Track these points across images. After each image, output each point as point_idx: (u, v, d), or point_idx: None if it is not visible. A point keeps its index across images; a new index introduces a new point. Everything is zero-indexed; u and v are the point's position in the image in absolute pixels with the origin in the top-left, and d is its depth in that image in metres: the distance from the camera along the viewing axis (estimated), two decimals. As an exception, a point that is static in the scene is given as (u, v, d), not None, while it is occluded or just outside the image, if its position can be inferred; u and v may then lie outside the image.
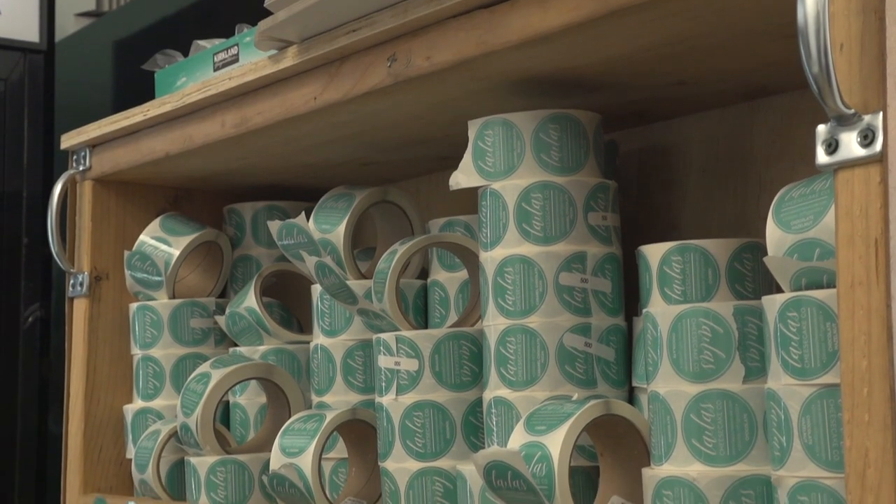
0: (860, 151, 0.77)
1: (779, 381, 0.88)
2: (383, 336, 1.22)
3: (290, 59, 1.23)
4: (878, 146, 0.76)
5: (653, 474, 0.98)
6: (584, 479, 1.10)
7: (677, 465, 0.96)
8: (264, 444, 1.41)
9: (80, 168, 1.60)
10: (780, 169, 1.18)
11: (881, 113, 0.77)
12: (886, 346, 0.75)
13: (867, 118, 0.77)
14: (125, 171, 1.55)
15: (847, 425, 0.77)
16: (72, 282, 1.61)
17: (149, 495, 1.49)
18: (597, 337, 1.12)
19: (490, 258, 1.14)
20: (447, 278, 1.34)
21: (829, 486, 0.84)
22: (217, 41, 1.46)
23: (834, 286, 0.84)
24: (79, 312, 1.60)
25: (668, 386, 0.97)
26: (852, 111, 0.78)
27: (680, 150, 1.28)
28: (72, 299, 1.62)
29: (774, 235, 0.91)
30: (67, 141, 1.61)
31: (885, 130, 0.76)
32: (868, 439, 0.75)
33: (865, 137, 0.77)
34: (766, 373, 0.92)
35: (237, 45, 1.40)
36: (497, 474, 1.01)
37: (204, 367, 1.41)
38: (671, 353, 0.97)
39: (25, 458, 2.01)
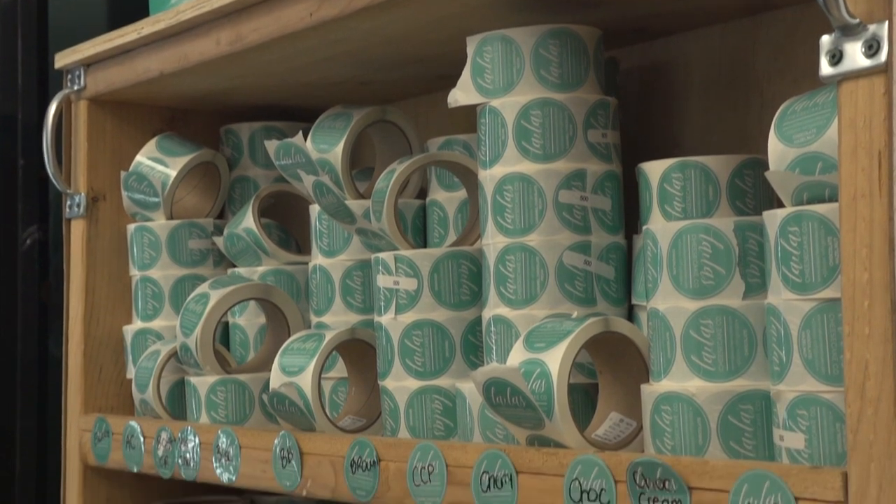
0: (865, 62, 0.76)
1: (779, 296, 0.88)
2: (382, 255, 1.21)
3: (285, -25, 1.21)
4: (882, 56, 0.75)
5: (651, 390, 0.98)
6: (583, 397, 1.10)
7: (676, 380, 0.96)
8: (264, 364, 1.41)
9: (75, 87, 1.59)
10: (782, 85, 1.17)
11: (886, 22, 0.75)
12: (888, 258, 0.74)
13: (872, 28, 0.76)
14: (120, 90, 1.53)
15: (847, 338, 0.77)
16: (69, 203, 1.61)
17: (149, 414, 1.49)
18: (596, 255, 1.11)
19: (489, 176, 1.13)
20: (446, 198, 1.33)
21: (829, 399, 0.84)
22: (211, -42, 1.44)
23: (836, 200, 0.84)
24: (76, 234, 1.60)
25: (668, 302, 0.97)
26: (857, 21, 0.77)
27: (681, 66, 1.26)
28: (69, 221, 1.61)
29: (776, 150, 0.90)
30: (61, 60, 1.59)
31: (890, 40, 0.75)
32: (868, 352, 0.75)
33: (870, 48, 0.76)
34: (766, 289, 0.92)
35: (232, -39, 1.38)
36: (496, 391, 1.01)
37: (202, 288, 1.41)
38: (671, 270, 0.97)
39: (26, 381, 2.02)
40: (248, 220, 1.49)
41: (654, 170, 1.07)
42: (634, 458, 0.90)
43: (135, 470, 1.46)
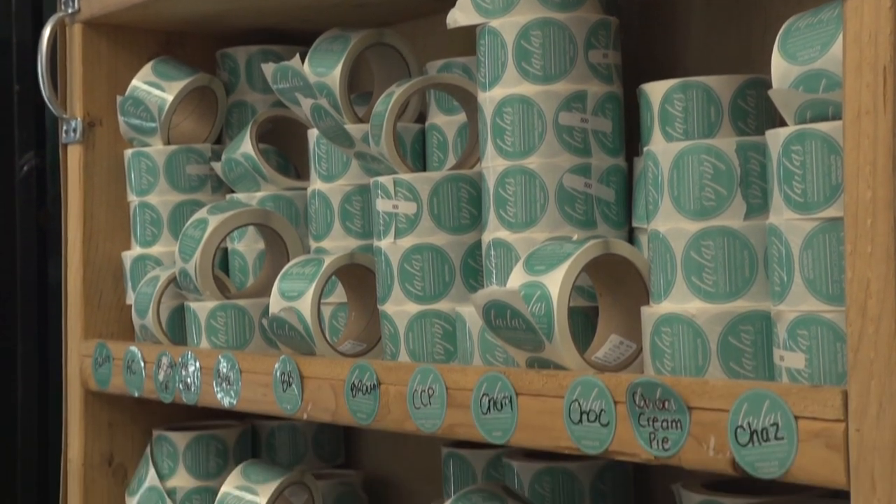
0: (871, -24, 0.75)
1: (781, 216, 0.87)
2: (381, 179, 1.21)
3: None
4: (889, -30, 0.74)
5: (652, 312, 0.98)
6: (583, 320, 1.10)
7: (676, 302, 0.95)
8: (263, 290, 1.41)
9: (69, 10, 1.57)
10: (786, 4, 1.15)
11: (894, -65, 0.74)
12: (891, 176, 0.74)
13: (878, -59, 0.75)
14: (115, 13, 1.51)
15: (849, 257, 0.76)
16: (65, 128, 1.59)
17: (150, 340, 1.49)
18: (597, 177, 1.10)
19: (488, 98, 1.12)
20: (445, 122, 1.32)
21: (829, 319, 0.84)
22: None
23: (839, 118, 0.83)
24: (73, 159, 1.59)
25: (669, 224, 0.96)
26: (863, -66, 0.75)
27: (683, -15, 1.25)
28: (66, 146, 1.60)
29: (780, 67, 0.89)
30: (55, -18, 1.57)
31: (897, -47, 0.74)
32: (870, 270, 0.75)
33: (877, -39, 0.75)
34: (767, 209, 0.91)
35: None
36: (496, 314, 1.00)
37: (201, 213, 1.40)
38: (672, 192, 0.96)
39: (26, 306, 2.02)
40: (245, 146, 1.48)
41: (655, 90, 1.05)
42: (634, 378, 0.90)
43: (136, 395, 1.47)
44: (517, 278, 1.02)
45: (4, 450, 2.03)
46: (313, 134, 1.38)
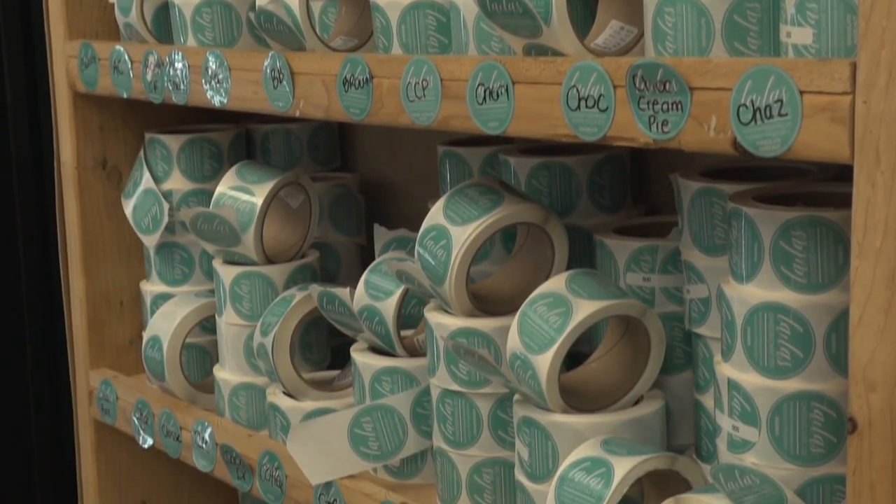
0: None
1: None
2: None
3: None
4: None
5: (654, -7, 0.93)
6: (582, 6, 1.06)
7: None
8: None
9: None
10: None
11: None
12: None
13: None
14: None
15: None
16: None
17: (135, 39, 1.45)
18: None
19: None
20: None
21: (841, -8, 0.80)
22: None
23: None
24: None
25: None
26: None
27: None
28: None
29: None
30: None
31: None
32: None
33: None
34: None
35: None
36: (492, -2, 0.96)
37: None
38: None
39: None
40: None
41: None
42: (635, 61, 0.87)
43: (124, 96, 1.44)
44: None
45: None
46: None
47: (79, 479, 1.69)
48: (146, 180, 1.55)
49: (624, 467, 0.98)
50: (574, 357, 1.12)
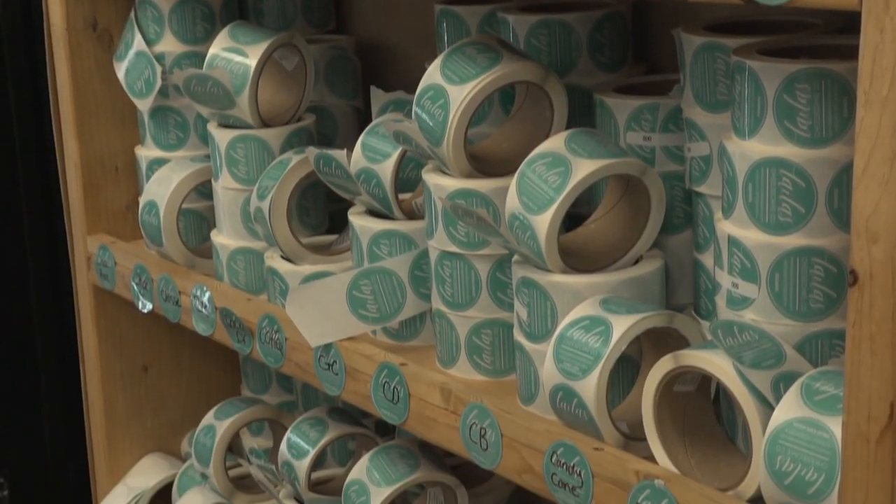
0: None
1: None
2: None
3: None
4: None
5: None
6: None
7: None
8: None
9: None
10: None
11: None
12: None
13: None
14: None
15: None
16: None
17: None
18: None
19: None
20: None
21: None
22: None
23: None
24: None
25: None
26: None
27: None
28: None
29: None
30: None
31: None
32: None
33: None
34: None
35: None
36: None
37: None
38: None
39: None
40: None
41: None
42: None
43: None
44: None
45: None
46: None
47: (80, 345, 1.69)
48: (138, 42, 1.52)
49: (622, 325, 0.98)
50: (574, 219, 1.11)
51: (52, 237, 2.05)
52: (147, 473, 1.68)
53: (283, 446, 1.43)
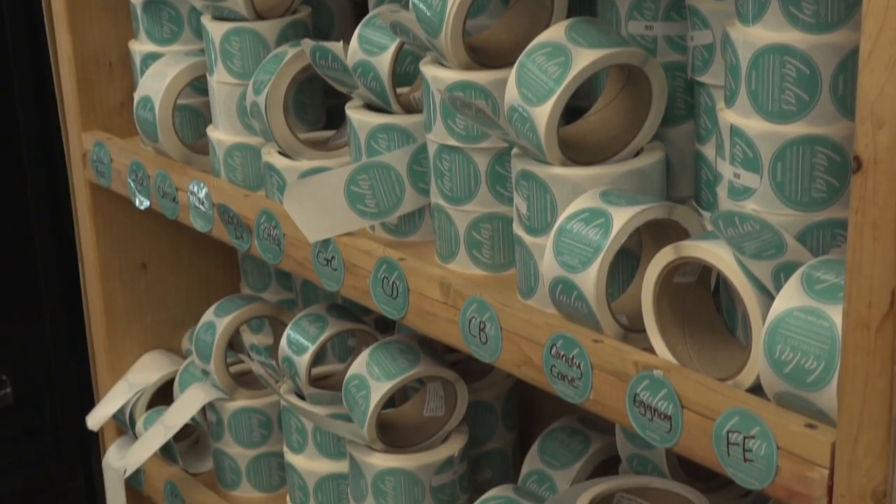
0: None
1: None
2: None
3: None
4: None
5: None
6: None
7: None
8: None
9: None
10: None
11: None
12: None
13: None
14: None
15: None
16: None
17: None
18: None
19: None
20: None
21: None
22: None
23: None
24: None
25: None
26: None
27: None
28: None
29: None
30: None
31: None
32: None
33: None
34: None
35: None
36: None
37: None
38: None
39: None
40: None
41: None
42: None
43: None
44: None
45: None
46: None
47: (78, 243, 1.69)
48: None
49: (622, 217, 0.97)
50: (574, 112, 1.10)
51: (48, 136, 2.03)
52: (148, 370, 1.69)
53: (283, 342, 1.43)
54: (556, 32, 1.04)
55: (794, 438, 0.82)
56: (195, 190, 1.41)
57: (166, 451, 1.63)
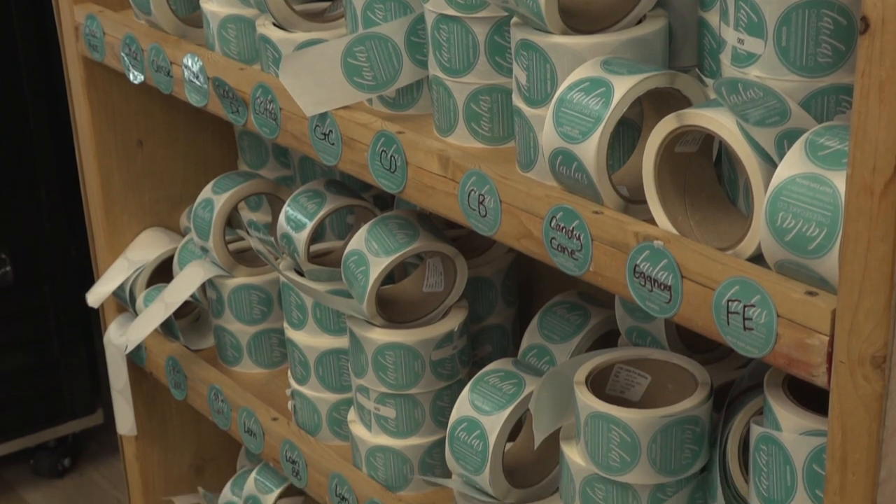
0: None
1: None
2: None
3: None
4: None
5: None
6: None
7: None
8: None
9: None
10: None
11: None
12: None
13: None
14: None
15: None
16: None
17: None
18: None
19: None
20: None
21: None
22: None
23: None
24: None
25: None
26: None
27: None
28: None
29: None
30: None
31: None
32: None
33: None
34: None
35: None
36: None
37: None
38: None
39: None
40: None
41: None
42: None
43: None
44: None
45: None
46: None
47: (73, 119, 1.67)
48: None
49: (624, 86, 0.95)
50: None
51: (40, 9, 2.00)
52: (147, 247, 1.68)
53: (282, 219, 1.42)
54: None
55: (795, 306, 0.81)
56: (189, 64, 1.38)
57: (167, 328, 1.63)
